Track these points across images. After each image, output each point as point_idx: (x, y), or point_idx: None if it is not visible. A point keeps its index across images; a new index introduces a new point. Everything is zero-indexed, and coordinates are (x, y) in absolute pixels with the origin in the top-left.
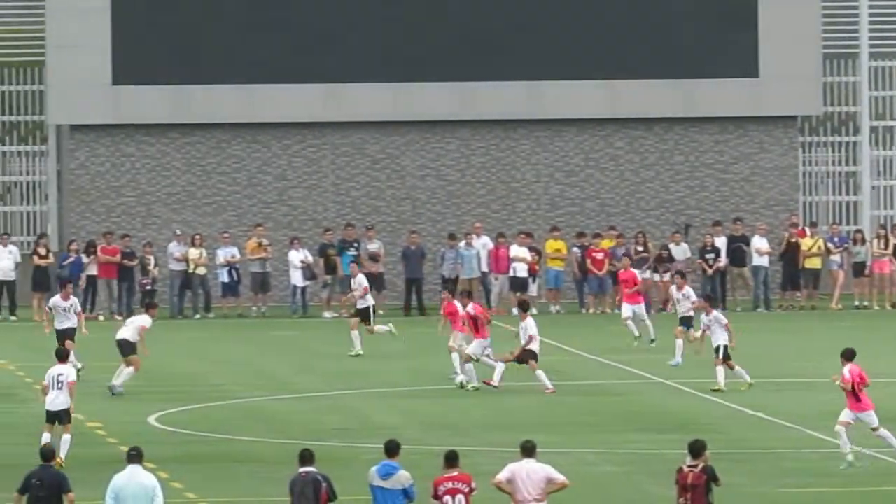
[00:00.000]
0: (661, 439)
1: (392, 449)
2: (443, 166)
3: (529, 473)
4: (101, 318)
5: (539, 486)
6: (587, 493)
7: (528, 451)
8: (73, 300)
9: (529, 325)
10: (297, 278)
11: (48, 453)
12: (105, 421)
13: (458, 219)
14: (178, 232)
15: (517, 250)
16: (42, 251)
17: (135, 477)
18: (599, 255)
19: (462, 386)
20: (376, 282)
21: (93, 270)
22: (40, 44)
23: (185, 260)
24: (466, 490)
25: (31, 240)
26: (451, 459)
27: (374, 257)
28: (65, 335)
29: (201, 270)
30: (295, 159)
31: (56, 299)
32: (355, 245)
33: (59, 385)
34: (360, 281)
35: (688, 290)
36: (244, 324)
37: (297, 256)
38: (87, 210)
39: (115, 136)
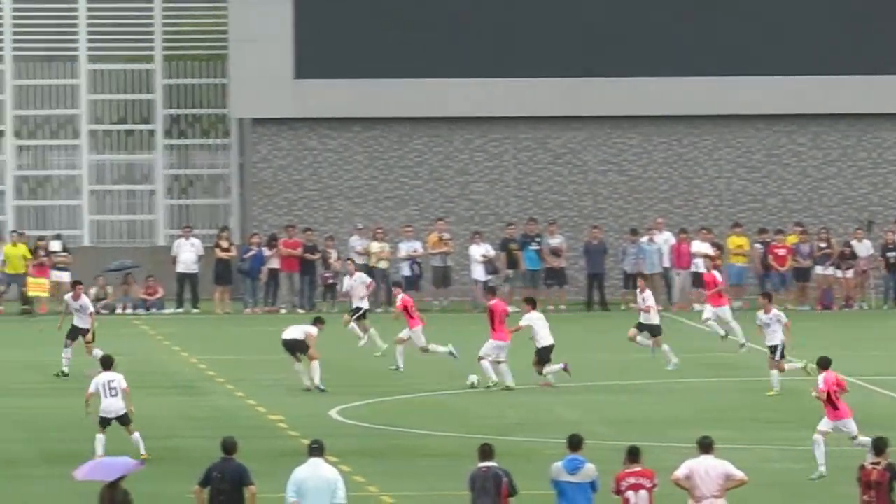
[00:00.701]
0: (843, 437)
1: (576, 443)
2: (625, 161)
3: (708, 470)
4: (283, 311)
5: (717, 482)
6: (769, 490)
7: (705, 447)
8: (84, 300)
9: (529, 318)
10: (478, 273)
11: (230, 446)
12: (287, 414)
13: (639, 214)
14: (360, 226)
15: (699, 246)
16: (224, 244)
17: (317, 470)
18: (781, 252)
19: (473, 385)
20: (558, 276)
21: (275, 264)
22: (223, 37)
23: (367, 253)
24: (649, 485)
25: (213, 233)
26: (634, 454)
27: (556, 252)
28: (78, 332)
29: (383, 264)
30: (477, 154)
31: (68, 298)
32: (537, 240)
33: (113, 392)
34: (363, 279)
35: (647, 294)
36: (425, 318)
37: (478, 251)
38: (269, 203)
39: (297, 129)
